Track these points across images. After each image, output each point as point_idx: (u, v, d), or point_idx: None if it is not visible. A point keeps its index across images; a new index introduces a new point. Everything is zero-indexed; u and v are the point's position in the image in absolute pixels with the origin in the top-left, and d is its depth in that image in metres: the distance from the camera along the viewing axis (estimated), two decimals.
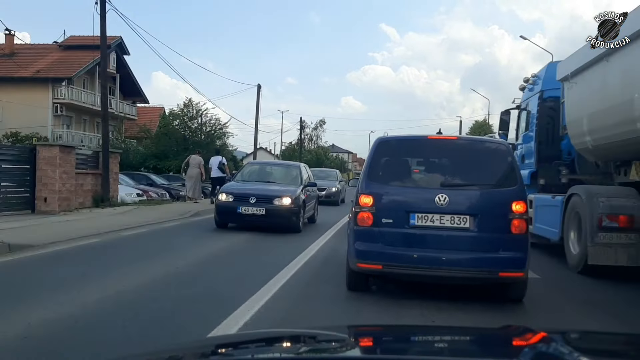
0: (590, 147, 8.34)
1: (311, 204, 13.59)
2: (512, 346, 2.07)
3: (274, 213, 11.53)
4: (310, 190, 13.52)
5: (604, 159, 8.55)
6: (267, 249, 9.65)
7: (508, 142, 8.70)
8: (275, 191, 12.13)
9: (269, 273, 6.97)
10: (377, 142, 6.36)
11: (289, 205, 11.66)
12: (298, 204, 11.91)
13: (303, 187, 12.72)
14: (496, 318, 5.36)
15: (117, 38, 35.31)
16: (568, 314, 5.91)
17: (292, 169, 14.28)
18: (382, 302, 5.93)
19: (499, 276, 5.73)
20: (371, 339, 2.17)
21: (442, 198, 5.69)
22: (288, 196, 11.76)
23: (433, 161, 6.51)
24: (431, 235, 5.76)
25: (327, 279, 7.00)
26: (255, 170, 14.32)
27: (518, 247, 5.67)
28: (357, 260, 5.86)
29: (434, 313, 5.48)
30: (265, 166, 15.27)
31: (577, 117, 8.67)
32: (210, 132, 34.96)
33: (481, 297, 6.23)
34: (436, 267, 5.66)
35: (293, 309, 5.64)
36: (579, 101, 8.53)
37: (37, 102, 32.19)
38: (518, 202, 5.71)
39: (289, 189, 12.32)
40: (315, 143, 77.57)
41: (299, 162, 18.31)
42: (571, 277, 7.97)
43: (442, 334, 2.38)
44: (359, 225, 5.87)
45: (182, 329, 4.71)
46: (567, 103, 9.08)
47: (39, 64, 34.50)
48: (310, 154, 69.17)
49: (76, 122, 36.39)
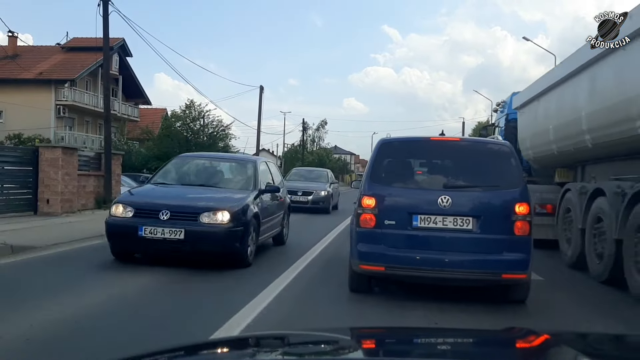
0: (532, 158, 11.41)
1: (274, 219, 9.27)
2: (515, 348, 2.06)
3: (199, 236, 7.22)
4: (274, 198, 9.32)
5: (541, 166, 11.33)
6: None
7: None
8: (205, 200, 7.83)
9: None
10: (379, 143, 6.36)
11: (225, 224, 7.29)
12: (242, 221, 7.52)
13: (258, 194, 8.39)
14: (499, 320, 5.35)
15: (119, 40, 35.42)
16: (571, 316, 5.89)
17: (243, 166, 9.57)
18: (384, 304, 5.92)
19: (502, 278, 5.72)
20: (374, 341, 2.16)
21: (444, 200, 5.68)
22: (225, 209, 7.39)
23: (436, 163, 6.50)
24: (434, 236, 5.75)
25: (329, 281, 6.98)
26: (185, 168, 9.49)
27: (521, 249, 5.66)
28: (359, 262, 5.85)
29: (437, 315, 5.47)
30: (200, 161, 10.07)
31: (524, 136, 11.52)
32: (212, 134, 34.99)
33: (484, 299, 6.21)
34: (439, 269, 5.65)
35: (295, 310, 5.63)
36: (525, 125, 11.50)
37: (40, 103, 32.29)
38: (521, 203, 5.69)
39: (230, 196, 8.08)
40: (318, 144, 77.62)
41: (256, 157, 14.57)
42: (574, 279, 7.95)
43: (445, 336, 2.37)
44: (361, 226, 5.86)
45: (185, 331, 4.70)
46: (519, 125, 12.00)
47: (41, 66, 34.60)
48: (313, 155, 69.18)
49: (79, 124, 36.49)
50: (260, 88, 38.14)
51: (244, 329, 4.68)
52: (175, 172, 9.14)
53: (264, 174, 9.29)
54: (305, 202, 17.93)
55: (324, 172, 22.07)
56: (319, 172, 22.76)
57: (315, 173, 22.13)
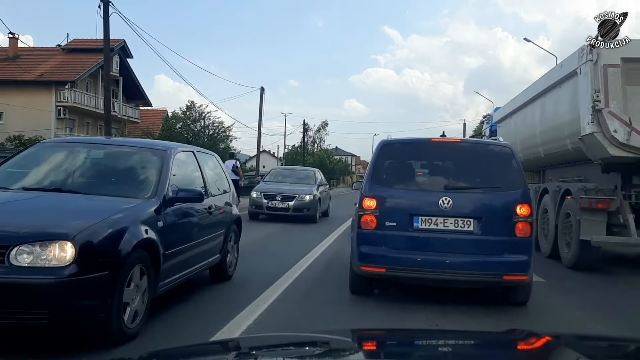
0: None
1: (203, 244, 5.86)
2: (517, 350, 2.06)
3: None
4: (204, 210, 5.92)
5: None
6: None
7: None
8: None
9: None
10: (380, 144, 6.35)
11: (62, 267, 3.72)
12: (106, 259, 4.04)
13: (161, 205, 4.94)
14: (500, 322, 5.34)
15: (120, 41, 35.45)
16: (573, 318, 5.88)
17: (143, 158, 5.91)
18: (385, 306, 5.90)
19: (503, 279, 5.71)
20: (375, 343, 2.15)
21: (445, 201, 5.67)
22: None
23: (437, 164, 6.50)
24: (435, 238, 5.73)
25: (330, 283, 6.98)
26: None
27: (522, 251, 5.65)
28: (360, 264, 5.84)
29: (438, 317, 5.46)
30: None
31: None
32: (213, 135, 35.06)
33: (485, 301, 6.20)
34: (440, 271, 5.63)
35: (296, 312, 5.62)
36: (503, 137, 14.63)
37: (41, 105, 32.32)
38: (522, 205, 5.68)
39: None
40: (319, 146, 77.63)
41: (173, 144, 6.76)
42: (576, 281, 7.93)
43: (446, 338, 2.36)
44: (362, 228, 5.84)
45: (185, 333, 4.69)
46: (498, 136, 13.72)
47: (42, 67, 34.64)
48: (313, 157, 69.21)
49: (79, 125, 36.51)
50: (261, 89, 38.19)
51: (245, 331, 4.68)
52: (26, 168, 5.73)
53: (182, 170, 5.79)
54: (285, 209, 15.05)
55: (311, 172, 18.22)
56: (304, 172, 19.06)
57: (299, 173, 18.61)
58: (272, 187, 15.71)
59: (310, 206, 15.31)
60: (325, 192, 17.45)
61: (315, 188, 16.12)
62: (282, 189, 15.51)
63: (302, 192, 15.39)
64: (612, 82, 7.63)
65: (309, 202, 15.30)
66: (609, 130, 7.52)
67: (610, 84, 7.62)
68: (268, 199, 14.99)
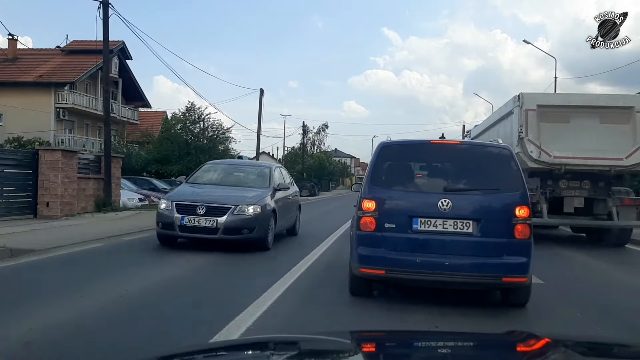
0: None
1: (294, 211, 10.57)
2: (516, 352, 2.06)
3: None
4: None
5: None
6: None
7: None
8: None
9: None
10: (379, 146, 6.35)
11: None
12: None
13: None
14: (500, 323, 5.34)
15: (119, 43, 35.47)
16: (572, 320, 5.87)
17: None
18: (385, 307, 5.90)
19: (502, 281, 5.70)
20: (374, 345, 2.15)
21: (445, 203, 5.67)
22: None
23: (436, 166, 6.50)
24: (434, 240, 5.73)
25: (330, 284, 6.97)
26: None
27: (521, 252, 5.65)
28: (359, 265, 5.84)
29: (438, 318, 5.45)
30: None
31: None
32: (212, 137, 34.99)
33: (484, 303, 6.20)
34: (439, 272, 5.64)
35: (296, 313, 5.62)
36: None
37: (40, 106, 32.30)
38: (521, 207, 5.69)
39: None
40: (318, 148, 77.60)
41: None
42: (575, 282, 7.94)
43: (445, 340, 2.37)
44: (361, 230, 5.85)
45: (185, 335, 4.69)
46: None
47: (41, 69, 34.64)
48: (313, 158, 69.18)
49: (78, 127, 36.50)
50: (261, 91, 38.22)
51: (244, 333, 4.67)
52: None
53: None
54: (210, 229, 9.36)
55: (265, 170, 11.74)
56: (255, 168, 12.76)
57: (247, 170, 12.31)
58: (193, 193, 10.13)
59: (254, 224, 9.47)
60: (289, 200, 11.74)
61: (269, 194, 10.35)
62: (209, 196, 9.93)
63: (243, 201, 9.66)
64: (530, 120, 11.58)
65: (252, 218, 9.47)
66: (528, 151, 11.39)
67: (529, 121, 11.56)
68: (183, 213, 9.40)
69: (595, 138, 11.47)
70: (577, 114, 11.79)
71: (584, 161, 11.45)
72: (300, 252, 9.47)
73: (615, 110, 11.77)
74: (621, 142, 11.42)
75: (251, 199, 9.85)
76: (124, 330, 4.82)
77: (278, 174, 11.79)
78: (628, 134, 11.49)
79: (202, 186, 10.67)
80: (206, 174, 11.46)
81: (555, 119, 11.67)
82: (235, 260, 8.81)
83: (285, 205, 11.30)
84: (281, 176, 11.99)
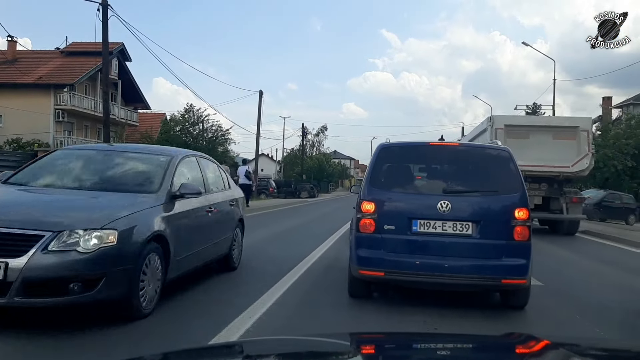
0: None
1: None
2: (515, 354, 2.06)
3: None
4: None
5: None
6: None
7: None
8: None
9: None
10: (379, 148, 6.35)
11: None
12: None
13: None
14: (499, 325, 5.33)
15: (119, 44, 35.52)
16: (571, 322, 5.87)
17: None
18: (384, 309, 5.90)
19: (501, 283, 5.70)
20: (373, 347, 2.15)
21: (444, 204, 5.67)
22: None
23: (435, 167, 6.50)
24: (433, 241, 5.73)
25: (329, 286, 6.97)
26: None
27: (521, 254, 5.64)
28: (359, 267, 5.84)
29: (437, 320, 5.45)
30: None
31: None
32: (211, 139, 35.03)
33: (484, 305, 6.20)
34: (438, 274, 5.63)
35: (295, 315, 5.61)
36: None
37: (39, 108, 32.31)
38: (521, 208, 5.69)
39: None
40: (317, 149, 77.66)
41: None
42: (575, 284, 7.94)
43: (444, 342, 2.36)
44: (361, 231, 5.84)
45: (183, 336, 4.68)
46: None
47: (41, 70, 34.66)
48: (312, 160, 69.20)
49: (78, 129, 36.50)
50: (260, 93, 38.23)
51: (243, 335, 4.67)
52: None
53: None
54: (25, 283, 4.28)
55: (158, 161, 6.23)
56: (141, 159, 6.48)
57: (126, 163, 6.39)
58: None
59: (99, 269, 4.52)
60: (212, 214, 6.69)
61: (155, 206, 5.41)
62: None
63: (76, 222, 4.61)
64: (499, 136, 13.62)
65: (94, 258, 4.49)
66: None
67: (498, 137, 13.38)
68: None
69: (548, 150, 14.58)
70: (535, 131, 15.23)
71: (540, 168, 14.35)
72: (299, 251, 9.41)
73: (565, 129, 15.15)
74: (568, 153, 14.66)
75: (98, 216, 4.80)
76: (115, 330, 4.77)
77: (187, 168, 6.58)
78: (574, 147, 14.76)
79: (28, 189, 5.78)
80: (51, 167, 6.42)
81: (519, 135, 14.60)
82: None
83: (202, 224, 6.50)
84: (196, 172, 6.83)
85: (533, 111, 56.83)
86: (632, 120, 31.59)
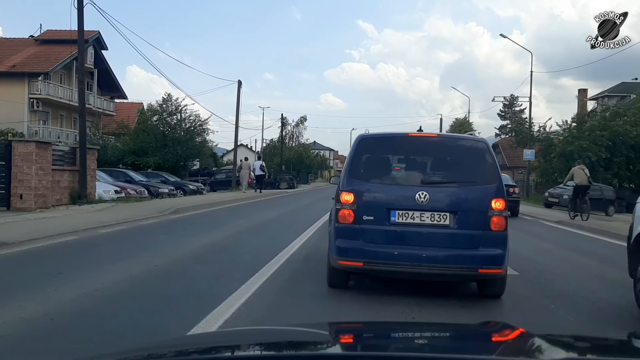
0: None
1: None
2: (491, 342, 2.08)
3: None
4: None
5: None
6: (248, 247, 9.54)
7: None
8: None
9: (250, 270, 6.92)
10: (358, 139, 6.36)
11: None
12: None
13: None
14: (476, 314, 5.41)
15: (94, 33, 34.88)
16: (547, 310, 5.98)
17: None
18: (363, 299, 5.94)
19: (478, 273, 5.78)
20: (352, 336, 2.16)
21: (422, 195, 5.71)
22: None
23: (414, 159, 6.54)
24: (412, 232, 5.78)
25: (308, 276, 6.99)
26: None
27: (497, 244, 5.72)
28: (338, 258, 5.86)
29: (415, 309, 5.51)
30: None
31: None
32: (189, 129, 34.68)
33: (461, 294, 6.28)
34: (417, 264, 5.68)
35: (274, 305, 5.62)
36: None
37: (13, 97, 31.64)
38: (497, 199, 5.76)
39: None
40: (297, 140, 77.46)
41: None
42: (549, 273, 8.07)
43: (422, 331, 2.38)
44: (340, 222, 5.86)
45: (161, 328, 4.66)
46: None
47: (14, 59, 33.92)
48: (292, 151, 69.01)
49: (53, 118, 35.85)
50: (239, 83, 37.96)
51: (222, 325, 4.66)
52: None
53: None
54: None
55: None
56: None
57: None
58: None
59: None
60: None
61: None
62: None
63: None
64: None
65: None
66: None
67: None
68: None
69: None
70: None
71: None
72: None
73: None
74: None
75: None
76: (99, 323, 4.76)
77: None
78: None
79: None
80: None
81: None
82: (217, 250, 8.80)
83: None
84: None
85: (510, 103, 57.33)
86: (607, 112, 32.06)
